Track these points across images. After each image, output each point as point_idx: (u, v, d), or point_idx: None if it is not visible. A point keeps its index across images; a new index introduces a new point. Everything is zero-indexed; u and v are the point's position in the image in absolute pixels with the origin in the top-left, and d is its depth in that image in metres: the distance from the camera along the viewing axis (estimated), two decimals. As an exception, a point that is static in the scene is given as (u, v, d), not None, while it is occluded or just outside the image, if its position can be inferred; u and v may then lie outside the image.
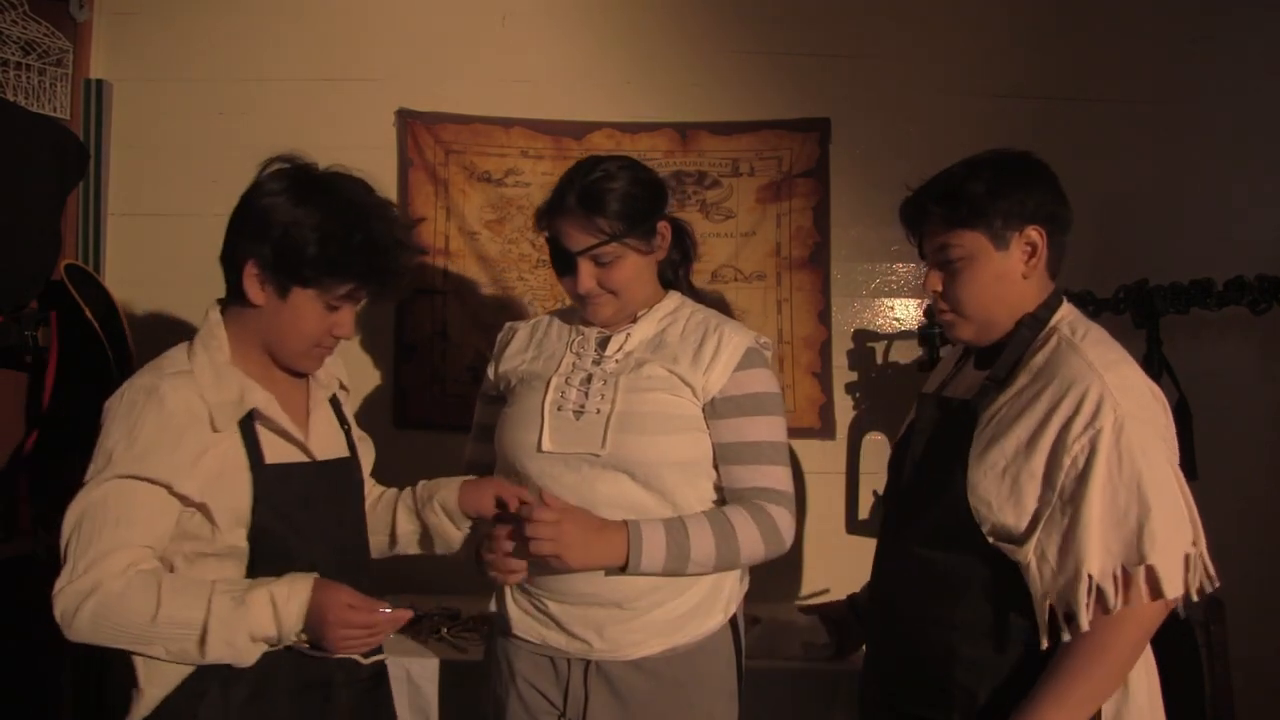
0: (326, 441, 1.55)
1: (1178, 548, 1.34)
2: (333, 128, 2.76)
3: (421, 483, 1.74)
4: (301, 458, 1.48)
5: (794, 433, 2.74)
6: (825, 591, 2.60)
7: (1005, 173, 1.48)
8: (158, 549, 1.38)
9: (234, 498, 1.39)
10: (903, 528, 1.55)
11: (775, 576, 2.10)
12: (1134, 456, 1.33)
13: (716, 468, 1.67)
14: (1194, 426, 2.30)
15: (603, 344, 1.70)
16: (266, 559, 1.41)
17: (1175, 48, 2.77)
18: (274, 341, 1.47)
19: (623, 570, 1.55)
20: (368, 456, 1.71)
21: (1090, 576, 1.32)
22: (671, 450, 1.61)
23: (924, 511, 1.50)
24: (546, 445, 1.61)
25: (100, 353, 2.31)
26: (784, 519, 1.63)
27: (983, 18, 2.78)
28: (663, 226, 1.70)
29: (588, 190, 1.61)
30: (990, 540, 1.40)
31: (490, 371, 1.81)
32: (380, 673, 1.58)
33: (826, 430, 2.75)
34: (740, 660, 1.71)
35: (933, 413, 1.57)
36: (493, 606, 1.73)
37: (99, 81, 2.72)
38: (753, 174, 2.77)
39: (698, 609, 1.63)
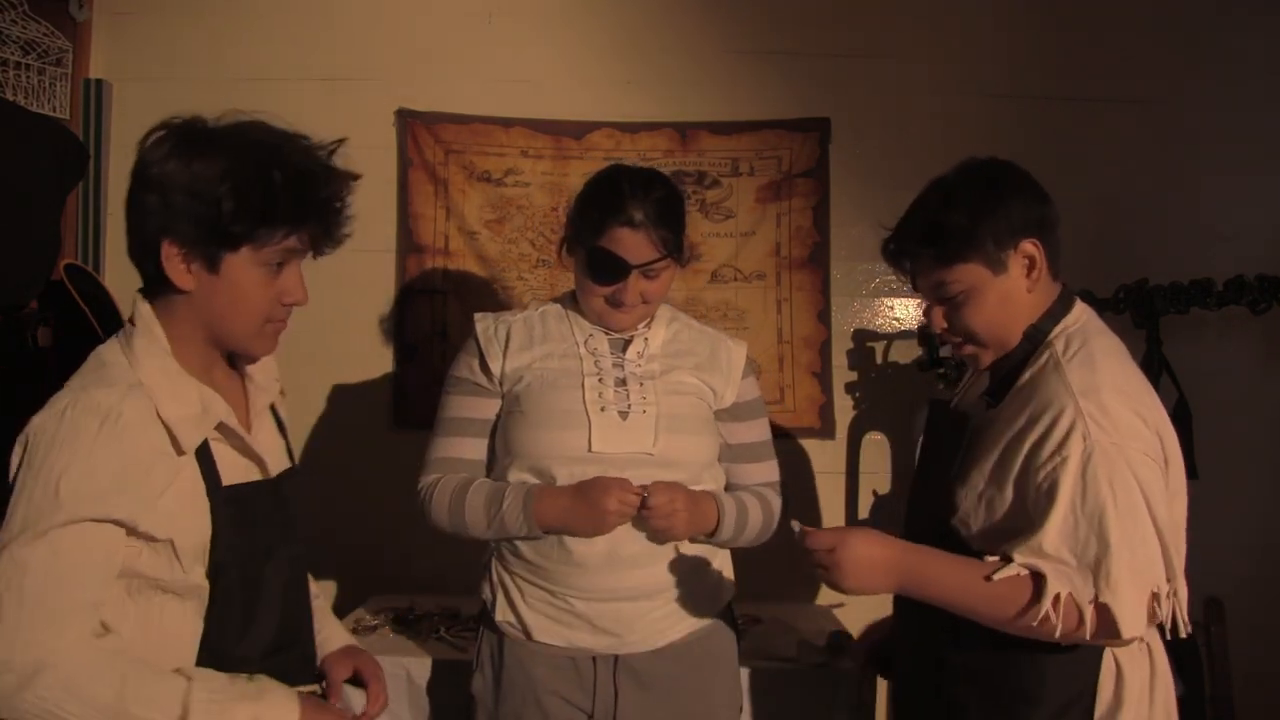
0: (273, 454, 1.35)
1: (1140, 586, 1.28)
2: (333, 128, 2.74)
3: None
4: (255, 475, 1.30)
5: (794, 432, 2.75)
6: (841, 605, 2.60)
7: (982, 192, 1.42)
8: (105, 602, 1.15)
9: (196, 531, 1.20)
10: (907, 534, 1.54)
11: (775, 577, 2.10)
12: (1099, 490, 1.28)
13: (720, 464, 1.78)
14: (1194, 426, 2.31)
15: (622, 347, 1.72)
16: (227, 597, 1.23)
17: (1174, 48, 2.77)
18: (218, 326, 1.23)
19: (709, 537, 1.68)
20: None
21: (1040, 582, 1.29)
22: (706, 450, 1.72)
23: (919, 519, 1.51)
24: (598, 446, 1.63)
25: (100, 353, 2.31)
26: (779, 507, 1.81)
27: (982, 18, 2.78)
28: (689, 240, 1.77)
29: (658, 206, 1.65)
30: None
31: (488, 366, 1.72)
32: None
33: (826, 430, 2.75)
34: (739, 637, 1.84)
35: (940, 421, 1.59)
36: (503, 617, 1.70)
37: (99, 81, 2.72)
38: (753, 174, 2.77)
39: (712, 590, 1.73)
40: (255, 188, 1.17)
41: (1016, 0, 2.79)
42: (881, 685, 2.19)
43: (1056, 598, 1.28)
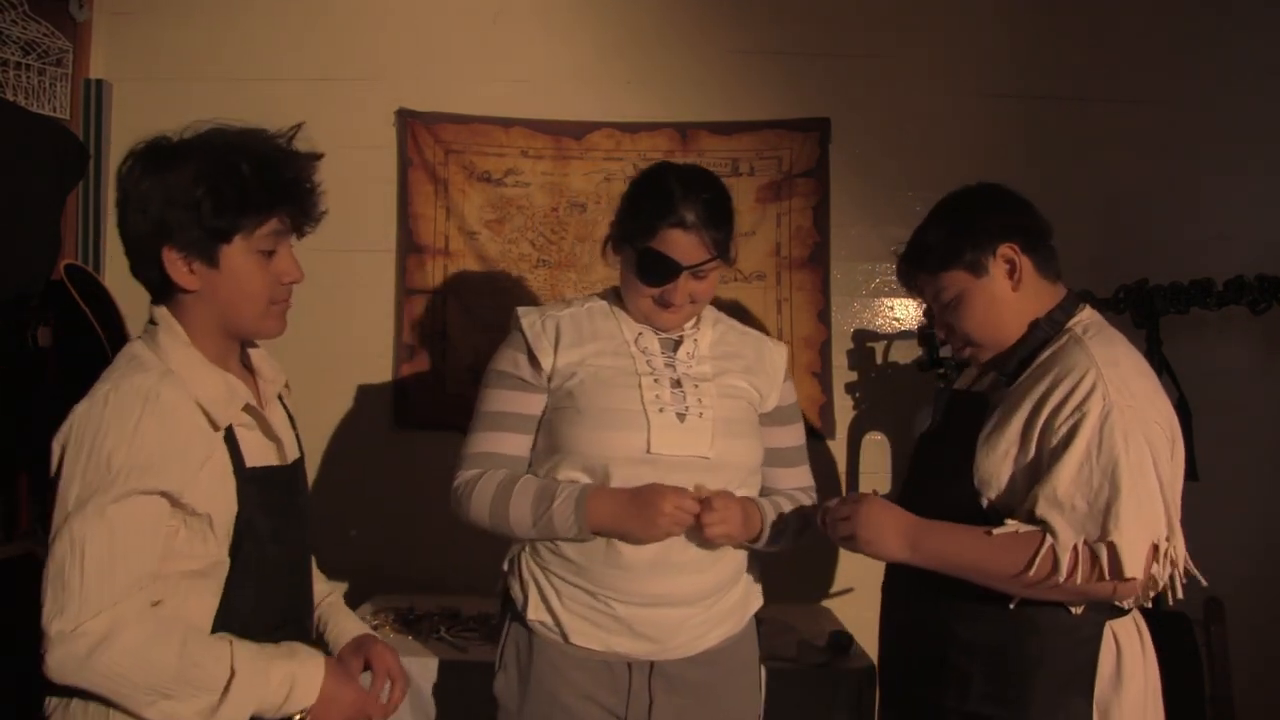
0: (287, 439, 1.46)
1: (1144, 533, 1.38)
2: (333, 128, 2.76)
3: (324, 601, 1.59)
4: (274, 459, 1.39)
5: (794, 433, 2.75)
6: (850, 590, 2.62)
7: (958, 210, 1.60)
8: (159, 574, 1.25)
9: (227, 508, 1.29)
10: (908, 509, 1.58)
11: (775, 577, 2.10)
12: (1114, 444, 1.39)
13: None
14: (1194, 426, 2.30)
15: (673, 347, 1.71)
16: (243, 575, 1.31)
17: (1174, 48, 2.77)
18: (228, 314, 1.33)
19: (752, 543, 1.67)
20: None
21: (1052, 545, 1.39)
22: (755, 454, 1.71)
23: (934, 497, 1.55)
24: (656, 447, 1.60)
25: (100, 353, 2.31)
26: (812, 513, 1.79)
27: (982, 18, 2.78)
28: (737, 238, 1.75)
29: (708, 207, 1.63)
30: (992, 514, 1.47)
31: (537, 361, 1.66)
32: None
33: (826, 430, 2.75)
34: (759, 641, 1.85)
35: (947, 405, 1.67)
36: (536, 616, 1.65)
37: (99, 81, 2.72)
38: (753, 174, 2.77)
39: (745, 596, 1.74)
40: (227, 182, 1.27)
41: (1016, 0, 2.79)
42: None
43: (1073, 550, 1.38)
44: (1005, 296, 1.54)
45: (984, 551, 1.43)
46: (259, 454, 1.36)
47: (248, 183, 1.28)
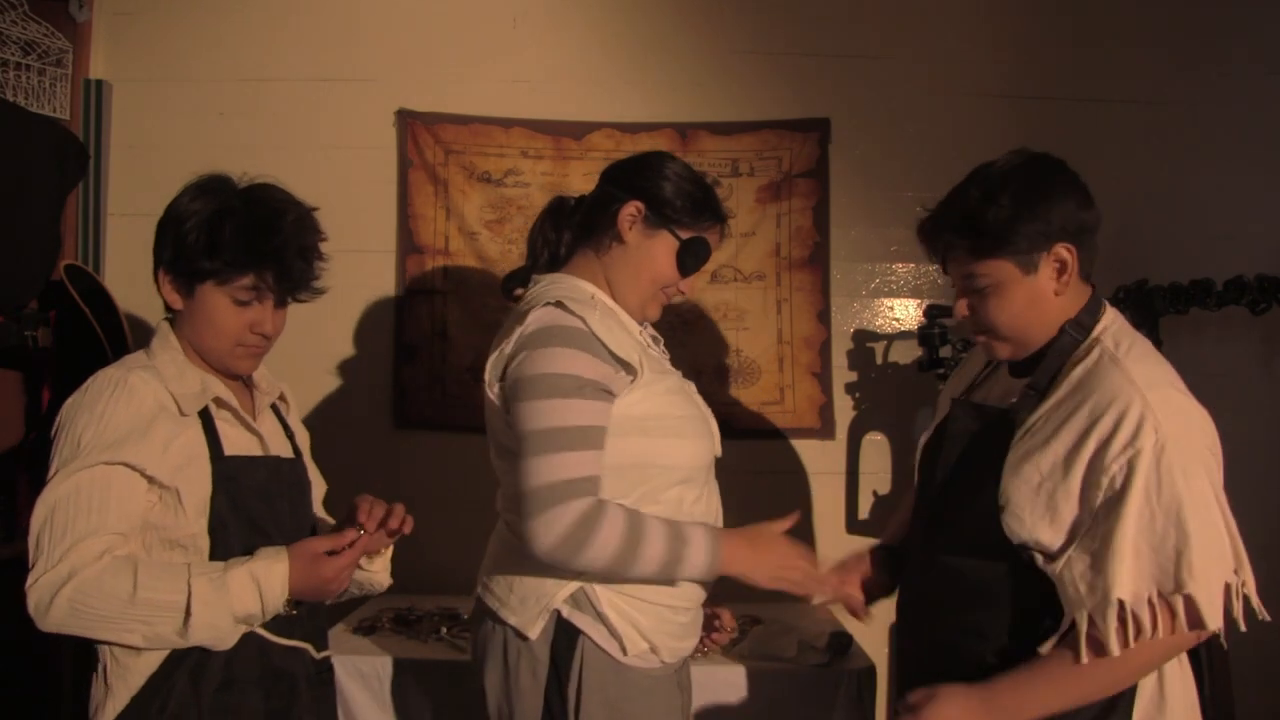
0: (275, 440, 1.56)
1: (1218, 577, 1.29)
2: (333, 128, 2.76)
3: None
4: (257, 451, 1.49)
5: (794, 433, 2.75)
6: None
7: (1025, 193, 1.40)
8: (131, 535, 1.37)
9: (199, 486, 1.39)
10: (931, 536, 1.52)
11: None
12: (1174, 481, 1.28)
13: None
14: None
15: (656, 341, 1.71)
16: (225, 552, 1.40)
17: (1175, 48, 2.77)
18: (199, 342, 1.47)
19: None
20: (318, 483, 1.72)
21: (1122, 602, 1.28)
22: None
23: (955, 520, 1.47)
24: (717, 449, 1.65)
25: (100, 353, 2.31)
26: None
27: (981, 18, 2.78)
28: None
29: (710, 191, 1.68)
30: (1023, 553, 1.37)
31: (627, 364, 1.50)
32: (329, 668, 1.58)
33: (826, 430, 2.75)
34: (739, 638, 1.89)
35: (968, 419, 1.52)
36: (635, 650, 1.51)
37: (99, 82, 2.72)
38: (753, 174, 2.77)
39: None
40: (209, 234, 1.40)
41: (1016, 1, 2.79)
42: (881, 688, 2.19)
43: (1148, 604, 1.28)
44: (1047, 298, 1.41)
45: (1073, 691, 1.32)
46: (240, 444, 1.47)
47: (227, 242, 1.40)
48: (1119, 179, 2.73)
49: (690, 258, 1.61)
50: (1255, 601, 1.35)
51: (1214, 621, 1.29)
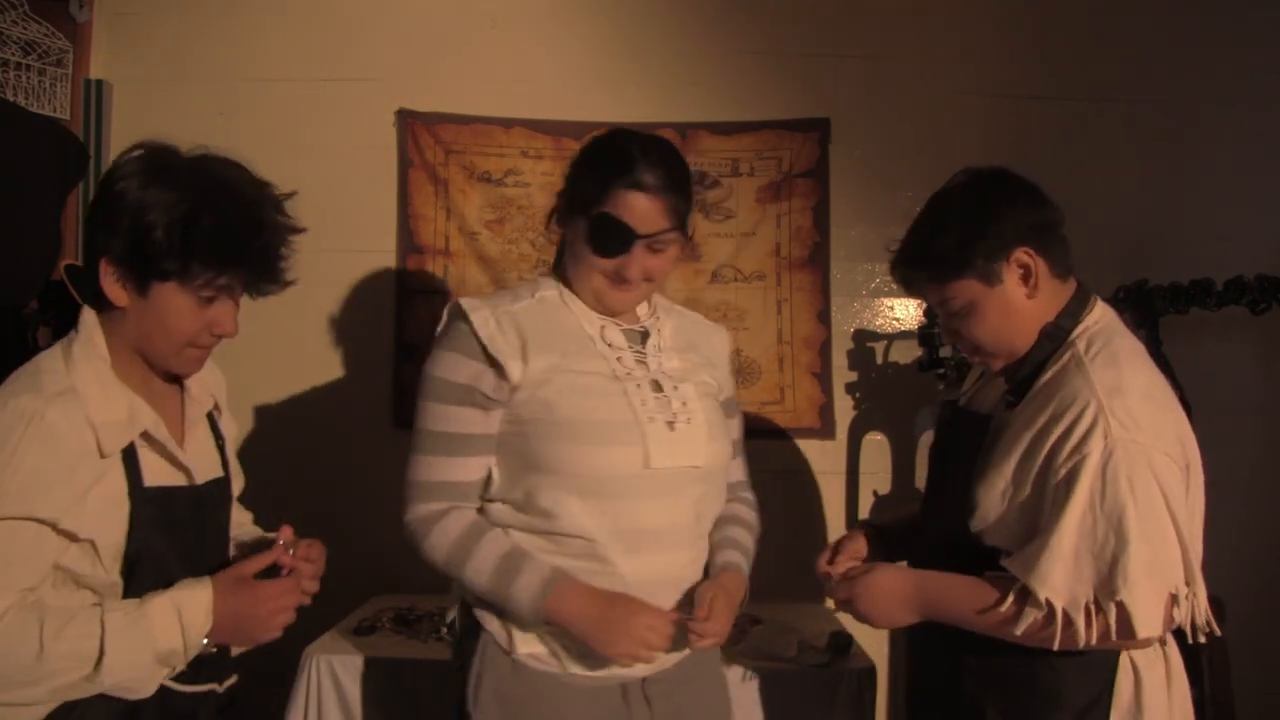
0: (203, 460, 1.40)
1: (1157, 586, 1.29)
2: (333, 128, 2.76)
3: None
4: (181, 480, 1.34)
5: (794, 433, 2.75)
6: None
7: (970, 210, 1.44)
8: (39, 587, 1.22)
9: (115, 530, 1.24)
10: (921, 536, 1.57)
11: (775, 577, 2.10)
12: (1119, 489, 1.29)
13: None
14: (1194, 426, 2.30)
15: (640, 340, 1.57)
16: (137, 594, 1.26)
17: (1175, 48, 2.77)
18: (143, 343, 1.29)
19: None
20: (238, 479, 1.55)
21: (1051, 604, 1.31)
22: (731, 453, 1.63)
23: (938, 522, 1.51)
24: (656, 461, 1.46)
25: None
26: (754, 502, 1.74)
27: (982, 18, 2.78)
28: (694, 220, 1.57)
29: (669, 170, 1.47)
30: (998, 556, 1.40)
31: (503, 370, 1.47)
32: (236, 693, 1.44)
33: (826, 430, 2.75)
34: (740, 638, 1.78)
35: (952, 424, 1.58)
36: (526, 650, 1.51)
37: (99, 81, 2.72)
38: (753, 174, 2.77)
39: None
40: (182, 230, 1.23)
41: (1016, 0, 2.79)
42: (881, 688, 2.19)
43: (1084, 609, 1.30)
44: (1019, 304, 1.43)
45: (987, 624, 1.38)
46: (161, 473, 1.31)
47: (202, 240, 1.23)
48: (1119, 179, 2.74)
49: (598, 236, 1.46)
50: (1200, 619, 1.34)
51: (1146, 630, 1.29)
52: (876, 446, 2.77)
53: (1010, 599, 1.35)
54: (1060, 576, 1.30)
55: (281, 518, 1.46)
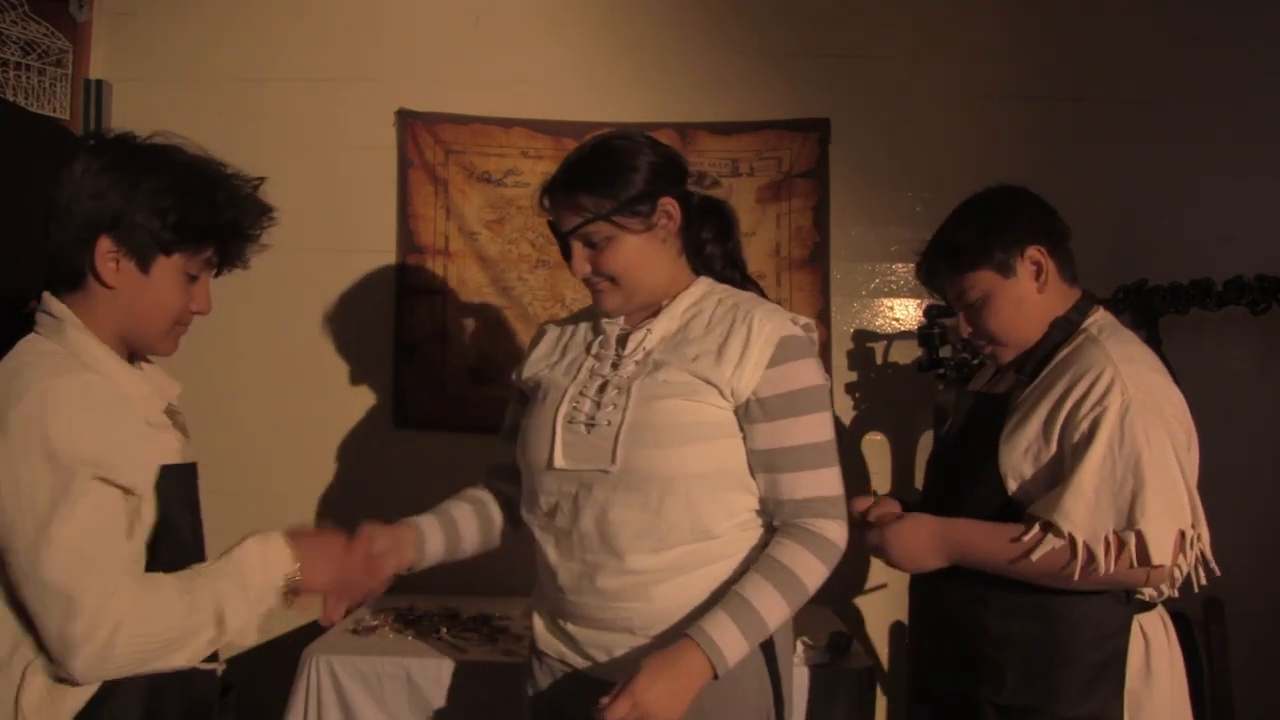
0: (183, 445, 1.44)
1: (1170, 521, 1.42)
2: (333, 128, 2.76)
3: None
4: (180, 459, 1.36)
5: (794, 433, 2.74)
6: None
7: (989, 210, 1.63)
8: (131, 553, 1.26)
9: (149, 500, 1.28)
10: (939, 511, 1.62)
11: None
12: (1135, 437, 1.43)
13: (754, 476, 1.49)
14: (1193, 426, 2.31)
15: (622, 342, 1.55)
16: (160, 564, 1.28)
17: (1174, 47, 2.77)
18: (134, 323, 1.32)
19: (715, 678, 1.37)
20: None
21: (1074, 538, 1.43)
22: (690, 462, 1.44)
23: (960, 494, 1.59)
24: (558, 461, 1.48)
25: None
26: (833, 529, 1.46)
27: (982, 18, 2.78)
28: (666, 203, 1.50)
29: (573, 165, 1.52)
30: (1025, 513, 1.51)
31: (515, 373, 1.70)
32: (229, 688, 1.51)
33: (826, 430, 2.75)
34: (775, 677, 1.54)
35: (969, 405, 1.70)
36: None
37: (99, 82, 2.72)
38: (752, 174, 2.77)
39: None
40: (199, 202, 1.30)
41: (1016, 1, 2.79)
42: (881, 687, 2.19)
43: (1104, 541, 1.42)
44: (1031, 297, 1.59)
45: (1005, 557, 1.49)
46: (171, 450, 1.35)
47: (215, 211, 1.32)
48: (1119, 179, 2.74)
49: (558, 244, 1.57)
50: (1209, 555, 1.47)
51: (1160, 557, 1.41)
52: (877, 446, 2.77)
53: (1034, 529, 1.46)
54: (1081, 513, 1.43)
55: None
